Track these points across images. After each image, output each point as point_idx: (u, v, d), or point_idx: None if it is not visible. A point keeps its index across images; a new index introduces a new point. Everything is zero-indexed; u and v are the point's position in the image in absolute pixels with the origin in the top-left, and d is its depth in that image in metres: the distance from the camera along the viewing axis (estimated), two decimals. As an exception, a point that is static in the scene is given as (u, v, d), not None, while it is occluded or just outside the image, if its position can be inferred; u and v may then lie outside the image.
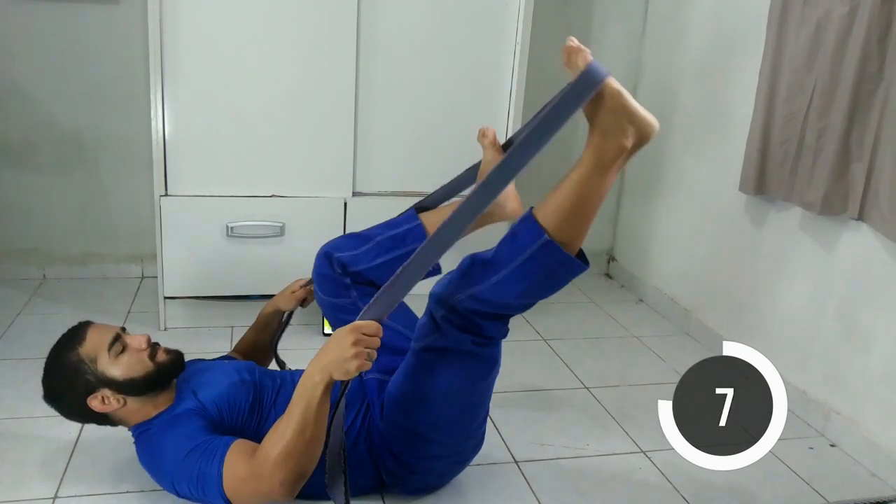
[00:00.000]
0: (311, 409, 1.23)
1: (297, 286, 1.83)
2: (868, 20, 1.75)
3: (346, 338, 1.23)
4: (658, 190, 2.83)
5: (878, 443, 1.81)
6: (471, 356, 1.39)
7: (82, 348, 1.40)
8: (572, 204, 1.24)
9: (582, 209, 1.26)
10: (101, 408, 1.41)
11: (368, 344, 1.24)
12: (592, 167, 1.25)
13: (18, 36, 2.48)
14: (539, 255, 1.25)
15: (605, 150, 1.25)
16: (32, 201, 2.66)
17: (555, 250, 1.24)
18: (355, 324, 1.25)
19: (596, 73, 1.20)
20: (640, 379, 2.23)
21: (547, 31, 2.74)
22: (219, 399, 1.45)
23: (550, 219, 1.24)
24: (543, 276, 1.28)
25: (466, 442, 1.55)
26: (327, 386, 1.24)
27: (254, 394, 1.49)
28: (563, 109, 1.20)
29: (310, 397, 1.23)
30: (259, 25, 2.17)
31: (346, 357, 1.22)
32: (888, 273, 1.80)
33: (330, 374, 1.23)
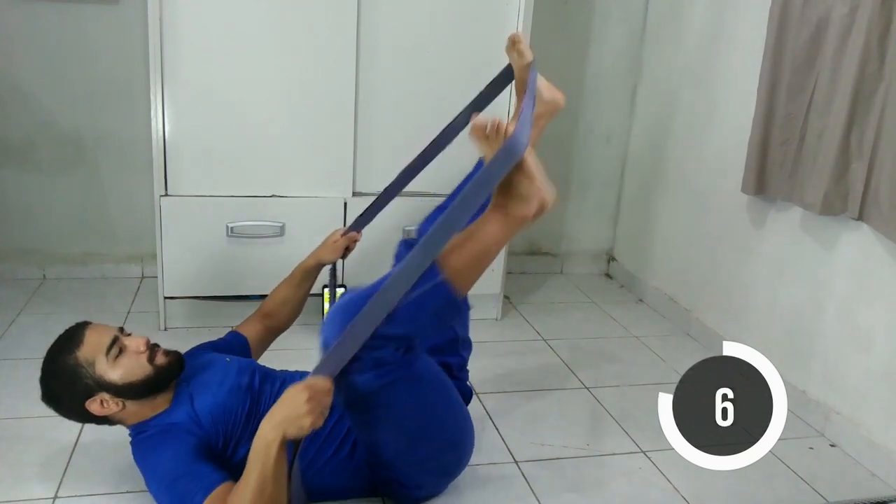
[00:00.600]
0: (267, 469, 1.22)
1: (337, 236, 1.84)
2: (868, 20, 1.75)
3: (300, 395, 1.22)
4: (658, 190, 2.83)
5: (878, 443, 1.81)
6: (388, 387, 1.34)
7: (80, 351, 1.39)
8: (474, 256, 1.30)
9: (480, 262, 1.31)
10: (100, 411, 1.41)
11: (321, 401, 1.23)
12: (501, 229, 1.31)
13: (18, 36, 2.48)
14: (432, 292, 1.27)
15: (516, 215, 1.31)
16: (32, 201, 2.66)
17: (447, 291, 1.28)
18: (307, 382, 1.24)
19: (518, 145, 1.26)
20: (640, 379, 2.23)
21: (547, 31, 2.74)
22: (214, 408, 1.44)
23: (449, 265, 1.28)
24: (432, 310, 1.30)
25: (444, 456, 1.53)
26: (281, 444, 1.22)
27: (251, 401, 1.48)
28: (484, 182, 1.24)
29: (265, 457, 1.22)
30: (259, 25, 2.17)
31: (301, 413, 1.21)
32: (888, 273, 1.80)
33: (283, 431, 1.22)
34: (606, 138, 3.05)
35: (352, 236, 1.91)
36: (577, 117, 3.00)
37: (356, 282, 2.39)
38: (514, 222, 1.32)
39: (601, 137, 3.05)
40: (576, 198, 3.12)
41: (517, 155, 1.25)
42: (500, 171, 1.25)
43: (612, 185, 3.13)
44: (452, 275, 1.27)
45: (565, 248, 3.18)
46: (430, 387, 1.44)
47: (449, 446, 1.52)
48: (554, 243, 3.16)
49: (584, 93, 2.97)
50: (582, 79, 2.95)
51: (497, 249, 1.33)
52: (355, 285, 2.40)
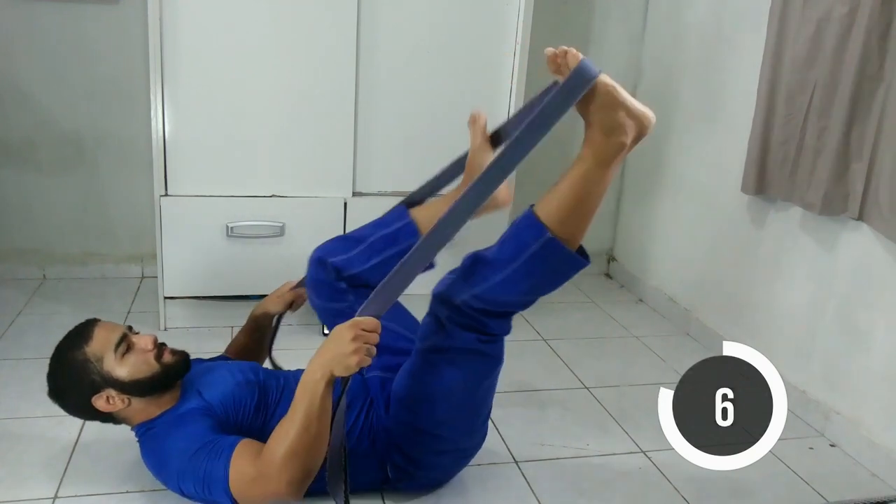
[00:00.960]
0: (314, 406, 1.24)
1: (286, 289, 1.83)
2: (868, 20, 1.75)
3: (346, 334, 1.24)
4: (658, 190, 2.83)
5: (879, 443, 1.81)
6: (476, 354, 1.40)
7: (89, 347, 1.40)
8: (573, 201, 1.26)
9: (583, 206, 1.27)
10: (105, 407, 1.41)
11: (367, 339, 1.25)
12: (592, 164, 1.27)
13: (18, 36, 2.48)
14: (542, 253, 1.26)
15: (604, 147, 1.27)
16: (32, 201, 2.66)
17: (557, 248, 1.26)
18: (354, 320, 1.26)
19: (587, 70, 1.21)
20: (640, 379, 2.23)
21: (547, 31, 2.74)
22: (224, 399, 1.45)
23: (552, 217, 1.26)
24: (547, 273, 1.30)
25: (472, 437, 1.56)
26: (329, 382, 1.25)
27: (258, 394, 1.49)
28: (555, 107, 1.22)
29: (312, 394, 1.24)
30: (259, 25, 2.17)
31: (346, 352, 1.22)
32: (888, 273, 1.80)
33: (331, 370, 1.24)
34: (606, 138, 3.04)
35: (299, 292, 1.84)
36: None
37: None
38: (609, 155, 1.26)
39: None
40: (576, 198, 3.11)
41: (591, 76, 1.20)
42: (574, 94, 1.20)
43: (612, 185, 3.11)
44: (558, 228, 1.24)
45: (565, 248, 3.17)
46: (495, 366, 1.46)
47: (480, 426, 1.55)
48: (554, 243, 3.15)
49: (584, 93, 2.97)
50: (582, 79, 2.95)
51: (600, 189, 1.28)
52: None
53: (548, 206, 1.26)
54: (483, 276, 1.31)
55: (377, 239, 1.66)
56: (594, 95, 1.23)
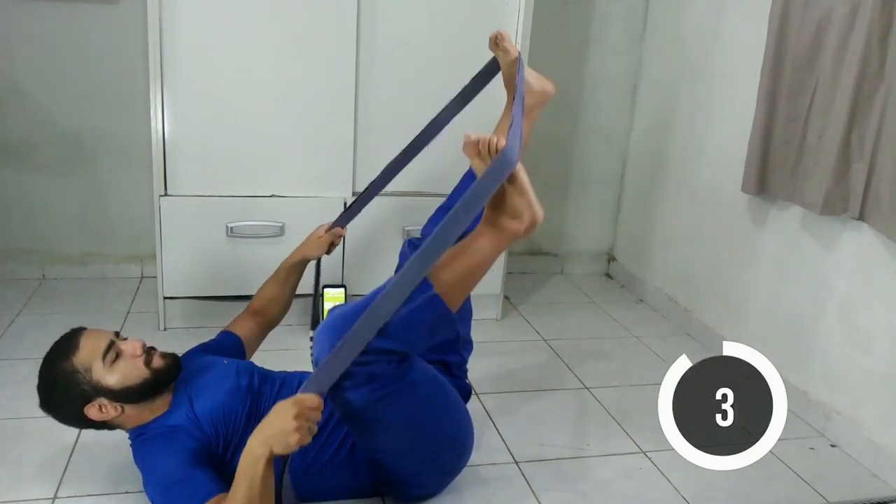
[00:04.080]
0: (255, 486, 1.21)
1: (322, 231, 1.84)
2: (869, 20, 1.74)
3: (289, 411, 1.21)
4: (658, 190, 2.83)
5: (879, 443, 1.81)
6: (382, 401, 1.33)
7: (76, 357, 1.39)
8: (464, 272, 1.32)
9: (472, 276, 1.34)
10: (99, 416, 1.40)
11: (309, 417, 1.22)
12: (492, 244, 1.34)
13: (18, 36, 2.48)
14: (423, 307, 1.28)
15: (508, 230, 1.33)
16: (32, 201, 2.66)
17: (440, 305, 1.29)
18: (297, 397, 1.23)
19: (511, 157, 1.27)
20: (640, 379, 2.23)
21: (547, 31, 2.74)
22: (214, 411, 1.44)
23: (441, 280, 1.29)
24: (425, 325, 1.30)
25: (445, 455, 1.53)
26: (269, 460, 1.22)
27: (251, 402, 1.48)
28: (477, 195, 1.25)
29: (252, 474, 1.21)
30: (259, 25, 2.17)
31: (288, 430, 1.20)
32: (889, 273, 1.79)
33: (270, 447, 1.21)
34: (606, 138, 3.05)
35: (336, 232, 1.90)
36: (577, 117, 3.00)
37: (355, 281, 2.39)
38: (506, 237, 1.34)
39: (601, 137, 3.04)
40: (576, 198, 3.11)
41: (509, 168, 1.27)
42: (493, 186, 1.26)
43: (612, 185, 3.12)
44: (444, 289, 1.29)
45: (565, 248, 3.17)
46: (427, 391, 1.43)
47: (449, 446, 1.52)
48: (554, 243, 3.16)
49: (584, 93, 2.97)
50: (582, 79, 2.95)
51: (488, 264, 1.35)
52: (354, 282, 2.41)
53: (439, 271, 1.29)
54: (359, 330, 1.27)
55: None
56: (513, 181, 1.30)
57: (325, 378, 1.25)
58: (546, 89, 1.85)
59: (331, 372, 1.24)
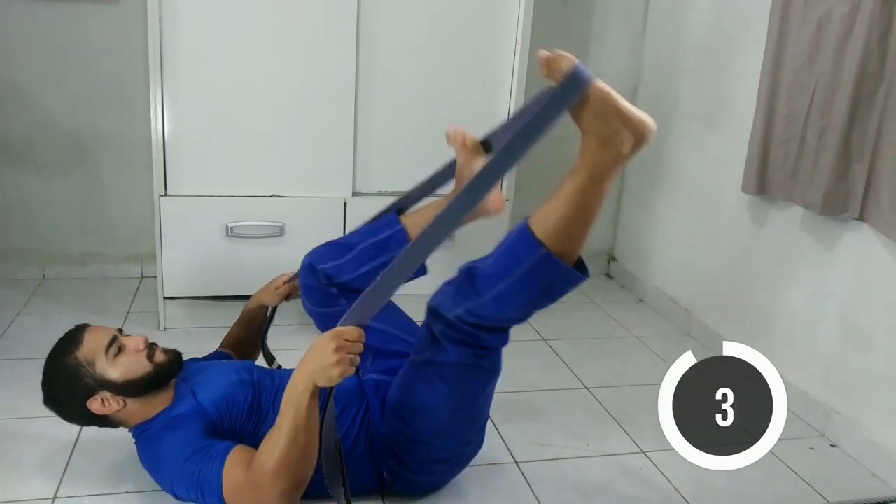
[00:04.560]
0: (300, 418, 1.23)
1: (281, 282, 1.83)
2: (869, 20, 1.74)
3: (328, 344, 1.22)
4: (658, 190, 2.82)
5: (879, 443, 1.81)
6: (471, 369, 1.38)
7: (80, 351, 1.40)
8: (569, 215, 1.20)
9: (579, 220, 1.22)
10: (101, 410, 1.41)
11: (350, 349, 1.22)
12: (589, 176, 1.21)
13: (18, 36, 2.48)
14: (538, 269, 1.22)
15: (600, 158, 1.21)
16: (32, 201, 2.66)
17: (553, 264, 1.21)
18: (336, 330, 1.23)
19: (580, 76, 1.16)
20: (640, 379, 2.23)
21: (547, 31, 2.74)
22: (218, 400, 1.45)
23: (547, 231, 1.21)
24: (543, 288, 1.27)
25: (467, 445, 1.56)
26: (313, 393, 1.23)
27: (252, 394, 1.49)
28: (547, 114, 1.16)
29: (297, 406, 1.23)
30: (259, 25, 2.17)
31: (329, 364, 1.20)
32: (889, 273, 1.79)
33: (314, 381, 1.22)
34: (606, 138, 3.04)
35: (294, 284, 1.83)
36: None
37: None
38: (607, 166, 1.21)
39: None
40: (576, 198, 3.11)
41: (584, 82, 1.15)
42: (566, 101, 1.15)
43: (612, 185, 3.11)
44: (554, 244, 1.20)
45: (565, 249, 3.17)
46: (495, 379, 1.46)
47: (476, 435, 1.54)
48: (554, 243, 3.15)
49: (584, 93, 2.96)
50: (582, 79, 2.95)
51: (597, 202, 1.22)
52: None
53: (542, 221, 1.21)
54: (477, 290, 1.27)
55: (367, 246, 1.64)
56: (588, 103, 1.17)
57: (367, 309, 1.25)
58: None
59: (372, 303, 1.24)
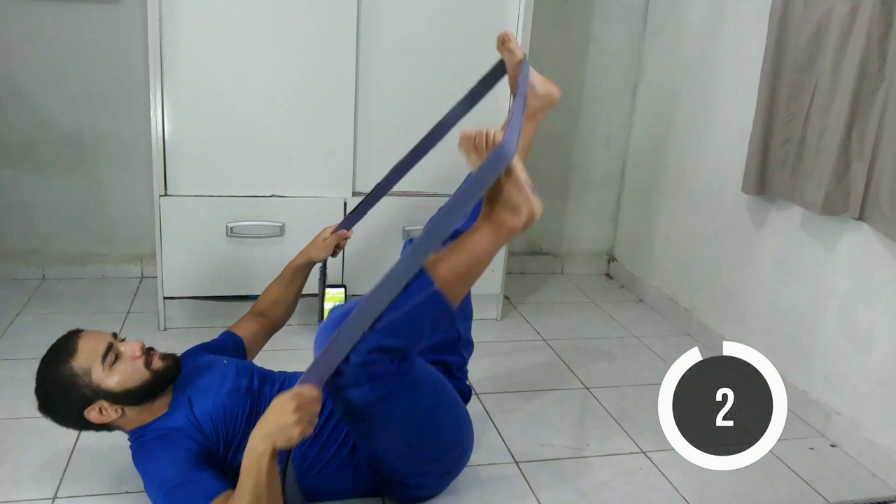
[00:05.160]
0: (260, 481, 1.21)
1: (328, 233, 1.84)
2: (869, 20, 1.74)
3: (287, 405, 1.20)
4: (658, 190, 2.83)
5: (879, 443, 1.81)
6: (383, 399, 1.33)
7: (75, 361, 1.37)
8: (465, 266, 1.31)
9: (472, 272, 1.33)
10: (99, 419, 1.40)
11: (309, 409, 1.22)
12: (490, 239, 1.32)
13: (18, 36, 2.48)
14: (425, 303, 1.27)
15: (506, 225, 1.32)
16: (32, 201, 2.66)
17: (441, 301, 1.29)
18: (295, 391, 1.22)
19: (508, 150, 1.26)
20: (640, 379, 2.23)
21: (547, 31, 2.74)
22: (214, 412, 1.44)
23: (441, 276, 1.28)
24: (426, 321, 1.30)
25: (446, 455, 1.52)
26: (273, 455, 1.21)
27: (251, 402, 1.48)
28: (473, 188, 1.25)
29: (257, 469, 1.21)
30: (259, 25, 2.17)
31: (288, 424, 1.19)
32: (889, 273, 1.79)
33: (272, 442, 1.21)
34: (606, 138, 3.05)
35: (342, 234, 1.90)
36: (577, 117, 3.00)
37: (355, 281, 2.40)
38: (504, 232, 1.33)
39: (601, 137, 3.04)
40: (576, 198, 3.11)
41: (505, 162, 1.26)
42: (488, 179, 1.26)
43: (612, 185, 3.12)
44: (444, 285, 1.28)
45: (565, 248, 3.17)
46: (427, 391, 1.43)
47: (449, 446, 1.52)
48: (554, 243, 3.16)
49: (584, 93, 2.97)
50: (582, 79, 2.95)
51: (488, 259, 1.34)
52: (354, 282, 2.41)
53: (439, 266, 1.29)
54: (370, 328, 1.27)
55: None
56: (510, 175, 1.29)
57: (323, 369, 1.25)
58: (551, 93, 1.85)
59: (327, 363, 1.24)
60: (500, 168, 1.26)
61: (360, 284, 2.39)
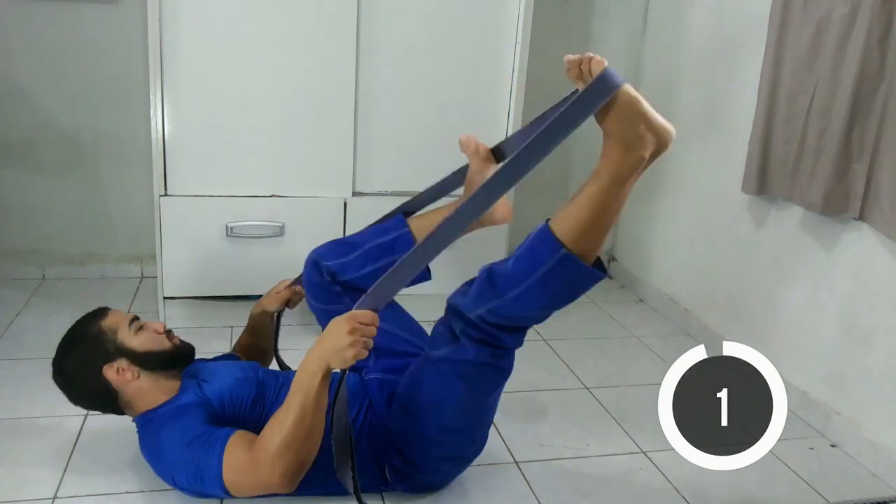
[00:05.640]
0: (309, 399, 1.23)
1: (282, 287, 1.83)
2: (869, 20, 1.74)
3: (343, 326, 1.23)
4: (659, 190, 2.82)
5: (879, 443, 1.81)
6: (487, 367, 1.39)
7: (104, 322, 1.46)
8: (590, 217, 1.23)
9: (599, 222, 1.24)
10: (115, 378, 1.42)
11: (364, 332, 1.23)
12: (610, 179, 1.23)
13: (18, 36, 2.48)
14: (558, 269, 1.23)
15: (622, 161, 1.22)
16: (32, 201, 2.66)
17: (573, 264, 1.23)
18: (351, 312, 1.25)
19: (612, 79, 1.18)
20: (640, 379, 2.23)
21: (547, 31, 2.74)
22: (222, 391, 1.46)
23: (568, 233, 1.23)
24: (563, 288, 1.28)
25: (472, 445, 1.56)
26: (325, 375, 1.24)
27: (257, 390, 1.50)
28: (573, 115, 1.18)
29: (307, 386, 1.23)
30: (259, 25, 2.17)
31: (343, 345, 1.21)
32: (889, 273, 1.79)
33: (327, 362, 1.23)
34: (606, 138, 3.04)
35: (296, 289, 1.83)
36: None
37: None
38: (627, 169, 1.22)
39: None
40: (576, 198, 3.11)
41: (615, 84, 1.17)
42: (595, 103, 1.17)
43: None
44: (574, 244, 1.22)
45: (565, 249, 3.17)
46: (506, 378, 1.46)
47: (480, 435, 1.55)
48: (554, 243, 3.15)
49: (584, 93, 2.97)
50: (582, 79, 2.95)
51: (617, 205, 1.24)
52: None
53: (563, 222, 1.24)
54: (498, 290, 1.29)
55: (373, 247, 1.66)
56: (615, 106, 1.19)
57: (381, 295, 1.26)
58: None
59: (389, 287, 1.25)
60: (608, 90, 1.17)
61: (360, 284, 2.39)
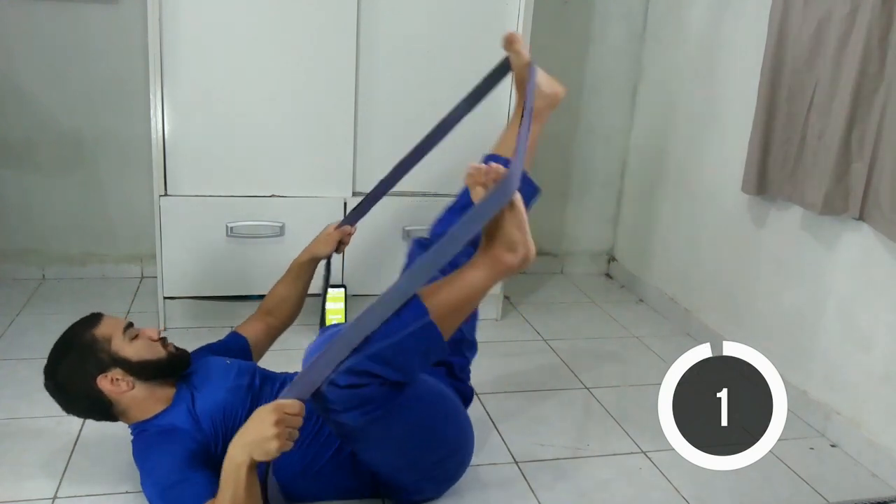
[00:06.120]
0: (239, 490, 1.20)
1: (331, 229, 1.85)
2: (869, 20, 1.74)
3: (268, 417, 1.19)
4: (658, 190, 2.83)
5: (879, 443, 1.81)
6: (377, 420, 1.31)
7: (97, 330, 1.43)
8: (457, 302, 1.33)
9: (463, 309, 1.35)
10: (110, 389, 1.41)
11: (290, 423, 1.20)
12: (486, 275, 1.35)
13: (18, 36, 2.48)
14: (419, 334, 1.27)
15: (502, 262, 1.34)
16: (32, 201, 2.66)
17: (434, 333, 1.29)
18: (277, 403, 1.21)
19: (513, 184, 1.28)
20: (640, 379, 2.23)
21: (547, 31, 2.74)
22: (214, 409, 1.45)
23: (435, 307, 1.29)
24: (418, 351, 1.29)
25: (445, 465, 1.53)
26: (251, 466, 1.20)
27: (251, 401, 1.48)
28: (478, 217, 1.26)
29: (235, 480, 1.20)
30: (259, 25, 2.17)
31: (268, 436, 1.18)
32: (889, 273, 1.79)
33: (250, 454, 1.19)
34: (606, 138, 3.05)
35: (345, 230, 1.89)
36: (577, 117, 3.00)
37: (356, 281, 2.39)
38: (500, 270, 1.35)
39: (601, 137, 3.04)
40: (576, 198, 3.11)
41: (509, 195, 1.28)
42: (491, 211, 1.27)
43: (612, 185, 3.12)
44: (438, 317, 1.28)
45: (565, 248, 3.17)
46: (425, 405, 1.42)
47: (449, 455, 1.52)
48: (554, 243, 3.16)
49: (584, 93, 2.97)
50: (582, 79, 2.95)
51: (480, 295, 1.36)
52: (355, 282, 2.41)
53: (434, 299, 1.29)
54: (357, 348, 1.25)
55: None
56: (509, 211, 1.30)
57: (307, 383, 1.23)
58: (557, 92, 1.82)
59: (312, 378, 1.23)
60: (504, 201, 1.28)
61: (360, 285, 2.39)
